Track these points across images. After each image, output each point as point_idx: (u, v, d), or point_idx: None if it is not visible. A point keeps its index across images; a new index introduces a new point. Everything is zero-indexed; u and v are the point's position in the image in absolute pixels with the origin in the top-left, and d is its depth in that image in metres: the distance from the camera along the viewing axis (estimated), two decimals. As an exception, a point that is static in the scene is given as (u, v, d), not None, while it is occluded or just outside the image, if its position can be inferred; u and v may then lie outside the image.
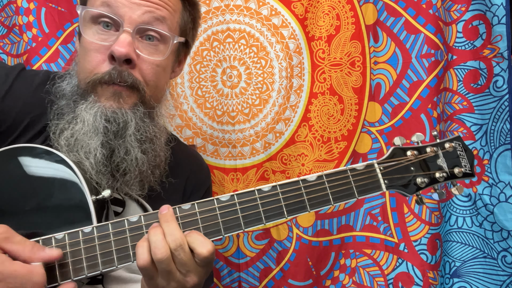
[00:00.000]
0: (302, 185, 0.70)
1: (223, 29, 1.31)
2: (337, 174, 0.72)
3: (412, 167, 0.76)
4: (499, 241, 1.20)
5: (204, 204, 0.68)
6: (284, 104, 1.32)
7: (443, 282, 1.28)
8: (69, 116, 0.79)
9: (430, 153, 0.78)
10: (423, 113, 1.25)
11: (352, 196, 0.72)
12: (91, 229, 0.65)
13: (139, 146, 0.81)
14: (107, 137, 0.78)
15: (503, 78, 1.19)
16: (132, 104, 0.80)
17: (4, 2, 1.31)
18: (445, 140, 0.80)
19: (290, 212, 0.69)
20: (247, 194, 0.69)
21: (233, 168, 1.32)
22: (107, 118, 0.77)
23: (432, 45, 1.24)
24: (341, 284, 1.31)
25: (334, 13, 1.29)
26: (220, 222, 0.67)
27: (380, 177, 0.74)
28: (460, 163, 0.79)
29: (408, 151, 0.77)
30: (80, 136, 0.77)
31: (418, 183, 0.76)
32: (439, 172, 0.77)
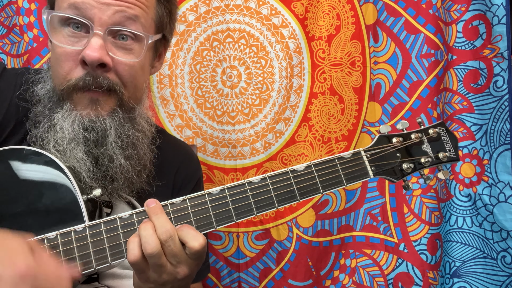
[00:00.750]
0: (291, 175, 0.71)
1: (223, 29, 1.31)
2: (325, 163, 0.73)
3: (398, 153, 0.78)
4: (499, 241, 1.20)
5: (195, 199, 0.68)
6: (284, 104, 1.32)
7: (443, 282, 1.28)
8: (46, 125, 0.77)
9: (414, 139, 0.79)
10: (423, 113, 1.25)
11: (341, 184, 0.73)
12: (83, 228, 0.65)
13: (121, 152, 0.79)
14: (88, 146, 0.76)
15: (503, 78, 1.19)
16: (110, 110, 0.78)
17: (4, 2, 1.31)
18: (429, 126, 0.82)
19: (281, 202, 0.70)
20: (237, 187, 0.70)
21: (233, 168, 1.32)
22: (85, 127, 0.75)
23: (432, 45, 1.24)
24: (341, 284, 1.31)
25: (334, 13, 1.29)
26: (211, 215, 0.68)
27: (367, 164, 0.75)
28: (445, 147, 0.81)
29: (393, 138, 0.79)
30: (65, 145, 0.75)
31: (404, 168, 0.77)
32: (424, 158, 0.79)
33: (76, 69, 0.75)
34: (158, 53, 0.91)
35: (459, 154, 0.83)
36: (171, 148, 0.98)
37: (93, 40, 0.73)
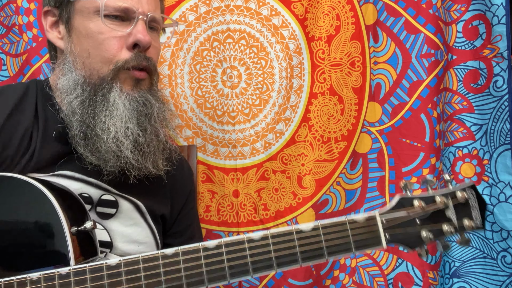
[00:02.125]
0: (296, 236, 0.65)
1: (223, 29, 1.31)
2: (335, 226, 0.67)
3: (418, 220, 0.69)
4: (499, 241, 1.20)
5: (189, 251, 0.63)
6: (284, 104, 1.32)
7: (443, 282, 1.28)
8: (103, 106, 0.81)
9: (439, 204, 0.69)
10: (423, 113, 1.25)
11: (349, 251, 0.66)
12: (67, 271, 0.61)
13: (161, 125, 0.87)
14: (140, 119, 0.82)
15: (503, 78, 1.19)
16: (148, 87, 0.86)
17: (4, 2, 1.31)
18: (457, 189, 0.71)
19: (280, 265, 0.64)
20: (236, 244, 0.64)
21: (233, 168, 1.32)
22: (138, 102, 0.82)
23: (432, 45, 1.24)
24: (341, 283, 1.31)
25: (334, 13, 1.29)
26: (204, 271, 0.63)
27: (381, 232, 0.67)
28: (471, 214, 0.71)
29: (415, 200, 0.68)
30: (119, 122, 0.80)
31: (423, 237, 0.68)
32: (446, 225, 0.69)
33: (122, 52, 0.82)
34: None
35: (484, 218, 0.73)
36: None
37: (140, 24, 0.82)
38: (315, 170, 1.31)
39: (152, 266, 0.62)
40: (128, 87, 0.83)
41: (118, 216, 0.85)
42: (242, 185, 1.32)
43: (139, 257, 0.62)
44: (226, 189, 1.32)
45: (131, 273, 0.61)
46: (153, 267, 0.62)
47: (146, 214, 0.89)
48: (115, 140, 0.79)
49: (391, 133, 1.29)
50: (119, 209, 0.85)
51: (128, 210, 0.87)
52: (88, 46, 0.82)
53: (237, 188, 1.32)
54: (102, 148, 0.79)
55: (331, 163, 1.31)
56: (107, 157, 0.80)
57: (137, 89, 0.84)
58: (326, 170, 1.31)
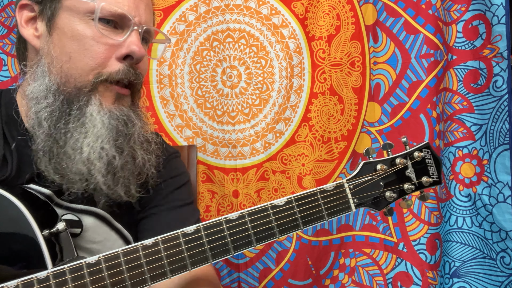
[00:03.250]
0: (271, 211, 0.68)
1: (223, 28, 1.31)
2: (307, 197, 0.70)
3: (381, 182, 0.75)
4: (498, 242, 1.20)
5: (168, 239, 0.63)
6: (284, 104, 1.32)
7: (442, 282, 1.28)
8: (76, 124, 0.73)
9: (399, 165, 0.76)
10: (422, 113, 1.26)
11: (322, 219, 0.70)
12: (46, 275, 0.58)
13: (140, 147, 0.79)
14: (118, 140, 0.75)
15: (502, 78, 1.19)
16: (129, 104, 0.79)
17: (5, 3, 1.32)
18: (414, 149, 0.79)
19: (259, 240, 0.67)
20: (214, 225, 0.66)
21: (233, 168, 1.33)
22: (119, 120, 0.75)
23: (431, 45, 1.24)
24: (340, 283, 1.32)
25: (334, 13, 1.29)
26: (186, 256, 0.63)
27: (350, 197, 0.73)
28: (428, 171, 0.79)
29: (378, 165, 0.75)
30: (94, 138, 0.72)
31: (387, 197, 0.75)
32: (407, 184, 0.76)
33: (111, 62, 0.74)
34: None
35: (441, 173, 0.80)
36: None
37: (135, 35, 0.75)
38: (315, 170, 1.31)
39: (133, 258, 0.61)
40: (108, 102, 0.75)
41: (84, 235, 0.79)
42: (242, 185, 1.32)
43: (119, 251, 0.61)
44: (226, 189, 1.32)
45: (113, 268, 0.60)
46: (134, 259, 0.61)
47: (113, 222, 0.83)
48: (87, 162, 0.72)
49: (391, 133, 1.29)
50: (84, 228, 0.79)
51: (93, 226, 0.80)
52: (71, 50, 0.73)
53: (237, 188, 1.32)
54: (69, 168, 0.72)
55: (331, 163, 1.32)
56: (74, 178, 0.72)
57: (118, 105, 0.76)
58: (326, 170, 1.32)
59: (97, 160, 0.72)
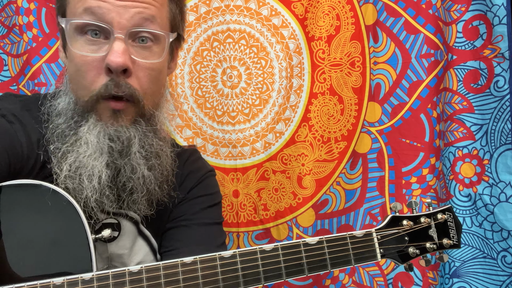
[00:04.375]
0: (303, 248, 0.71)
1: (223, 29, 1.31)
2: (337, 240, 0.74)
3: (406, 237, 0.79)
4: (499, 241, 1.20)
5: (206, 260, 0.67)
6: (284, 104, 1.32)
7: (442, 282, 1.28)
8: (72, 139, 0.75)
9: (423, 223, 0.81)
10: (422, 113, 1.26)
11: (349, 263, 0.74)
12: (90, 277, 0.62)
13: (145, 163, 0.77)
14: (112, 156, 0.74)
15: (504, 78, 1.19)
16: (132, 120, 0.77)
17: (4, 2, 1.32)
18: (438, 211, 0.84)
19: (289, 275, 0.70)
20: (249, 254, 0.69)
21: (233, 168, 1.33)
22: (110, 137, 0.74)
23: (431, 45, 1.24)
24: (341, 283, 1.32)
25: (334, 13, 1.29)
26: (220, 279, 0.66)
27: (377, 247, 0.76)
28: (449, 234, 0.84)
29: (404, 220, 0.80)
30: (84, 159, 0.73)
31: (410, 253, 0.79)
32: (429, 243, 0.81)
33: (99, 78, 0.73)
34: (173, 54, 0.89)
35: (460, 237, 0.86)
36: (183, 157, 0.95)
37: (115, 44, 0.71)
38: (315, 170, 1.31)
39: (172, 273, 0.65)
40: (105, 119, 0.74)
41: (119, 239, 0.83)
42: (242, 185, 1.32)
43: (160, 265, 0.65)
44: (226, 189, 1.32)
45: (152, 279, 0.64)
46: (172, 274, 0.65)
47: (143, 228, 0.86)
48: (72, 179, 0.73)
49: (391, 133, 1.29)
50: (121, 232, 0.82)
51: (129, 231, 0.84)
52: (71, 71, 0.76)
53: (237, 188, 1.32)
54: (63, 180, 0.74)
55: (331, 163, 1.31)
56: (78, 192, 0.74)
57: (115, 121, 0.74)
58: (326, 170, 1.31)
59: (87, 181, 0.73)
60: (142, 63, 0.75)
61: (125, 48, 0.71)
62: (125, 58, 0.71)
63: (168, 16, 0.81)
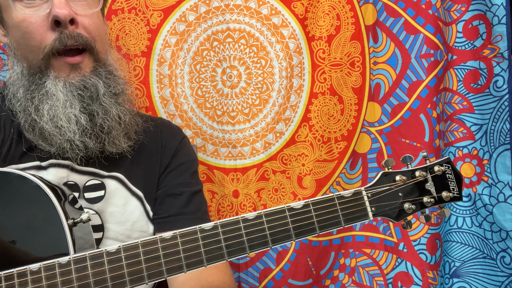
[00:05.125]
0: (288, 213, 0.68)
1: (223, 29, 1.31)
2: (324, 202, 0.70)
3: (400, 193, 0.74)
4: (498, 242, 1.20)
5: (186, 234, 0.65)
6: (284, 104, 1.32)
7: (442, 282, 1.29)
8: (40, 93, 0.78)
9: (419, 177, 0.76)
10: (422, 113, 1.25)
11: (338, 225, 0.70)
12: (67, 260, 0.62)
13: (115, 101, 0.84)
14: (84, 103, 0.79)
15: (503, 78, 1.19)
16: (92, 68, 0.82)
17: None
18: (434, 163, 0.78)
19: (275, 242, 0.67)
20: (231, 224, 0.66)
21: (233, 168, 1.33)
22: (77, 87, 0.79)
23: (431, 45, 1.24)
24: (340, 283, 1.32)
25: (334, 13, 1.29)
26: (202, 251, 0.64)
27: (368, 205, 0.72)
28: (449, 186, 0.78)
29: (397, 175, 0.75)
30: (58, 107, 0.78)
31: (405, 209, 0.74)
32: (427, 197, 0.76)
33: (48, 34, 0.76)
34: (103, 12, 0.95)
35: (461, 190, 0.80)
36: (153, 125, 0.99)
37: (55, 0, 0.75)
38: (315, 170, 1.31)
39: (152, 250, 0.63)
40: (63, 74, 0.79)
41: (108, 197, 0.86)
42: (242, 185, 1.32)
43: (138, 242, 0.63)
44: (226, 189, 1.32)
45: (131, 257, 0.63)
46: (152, 251, 0.63)
47: (131, 186, 0.89)
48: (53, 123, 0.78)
49: (391, 133, 1.29)
50: (107, 190, 0.86)
51: (116, 189, 0.87)
52: (17, 37, 0.79)
53: (237, 189, 1.32)
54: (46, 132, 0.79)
55: (331, 163, 1.31)
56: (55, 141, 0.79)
57: (75, 73, 0.80)
58: (326, 170, 1.31)
59: (66, 122, 0.78)
60: (84, 13, 0.79)
61: (66, 1, 0.75)
62: (69, 9, 0.75)
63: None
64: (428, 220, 0.78)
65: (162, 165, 0.96)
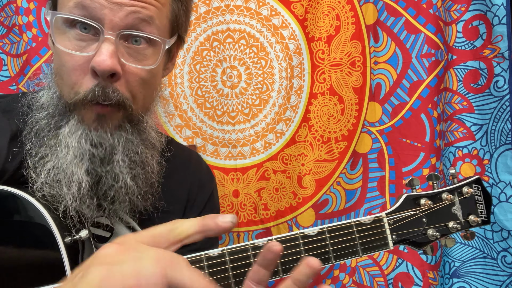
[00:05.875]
0: (301, 241, 0.61)
1: (223, 29, 1.31)
2: (341, 229, 0.63)
3: (425, 219, 0.67)
4: (499, 241, 1.20)
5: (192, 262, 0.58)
6: (285, 104, 1.31)
7: (442, 282, 1.28)
8: (51, 141, 0.70)
9: (446, 201, 0.69)
10: (423, 113, 1.25)
11: (356, 254, 0.64)
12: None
13: (128, 171, 0.73)
14: (94, 163, 0.69)
15: (504, 78, 1.19)
16: (118, 124, 0.71)
17: (4, 2, 1.31)
18: (463, 184, 0.71)
19: (286, 271, 0.60)
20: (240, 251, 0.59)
21: (233, 168, 1.32)
22: (93, 143, 0.69)
23: (432, 45, 1.24)
24: (341, 283, 1.31)
25: (333, 13, 1.29)
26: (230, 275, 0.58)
27: (388, 233, 0.65)
28: (477, 210, 0.71)
29: (422, 199, 0.68)
30: (63, 165, 0.68)
31: (429, 236, 0.67)
32: (453, 222, 0.69)
33: (85, 79, 0.67)
34: (171, 54, 0.84)
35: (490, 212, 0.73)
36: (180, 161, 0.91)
37: (103, 46, 0.65)
38: (315, 170, 1.31)
39: None
40: (88, 120, 0.69)
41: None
42: (242, 185, 1.32)
43: None
44: (226, 189, 1.32)
45: None
46: None
47: None
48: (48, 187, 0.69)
49: (391, 133, 1.29)
50: (114, 233, 0.77)
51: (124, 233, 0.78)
52: (57, 65, 0.71)
53: (237, 188, 1.32)
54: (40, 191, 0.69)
55: (331, 163, 1.31)
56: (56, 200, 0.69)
57: (100, 126, 0.69)
58: (326, 170, 1.31)
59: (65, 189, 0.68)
60: (134, 68, 0.69)
61: (114, 51, 0.66)
62: (113, 62, 0.65)
63: (170, 17, 0.75)
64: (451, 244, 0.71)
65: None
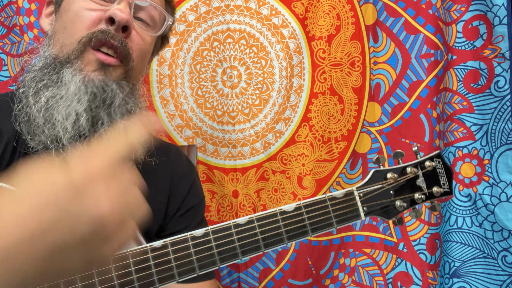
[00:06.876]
0: (280, 216, 0.67)
1: (223, 29, 1.31)
2: (316, 204, 0.70)
3: (392, 191, 0.75)
4: (500, 241, 1.20)
5: (177, 242, 0.63)
6: (284, 104, 1.32)
7: (442, 282, 1.28)
8: (53, 77, 0.72)
9: (410, 174, 0.76)
10: (422, 113, 1.25)
11: (331, 226, 0.70)
12: None
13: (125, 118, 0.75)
14: (95, 103, 0.71)
15: (504, 78, 1.19)
16: (118, 78, 0.75)
17: (5, 2, 1.32)
18: (425, 158, 0.78)
19: (267, 246, 0.66)
20: (223, 229, 0.65)
21: (233, 168, 1.33)
22: (95, 85, 0.71)
23: (431, 45, 1.24)
24: (340, 283, 1.32)
25: (334, 12, 1.28)
26: (194, 259, 0.63)
27: (359, 205, 0.72)
28: (439, 181, 0.78)
29: (388, 173, 0.75)
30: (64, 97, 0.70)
31: (397, 206, 0.74)
32: (418, 193, 0.76)
33: (97, 25, 0.73)
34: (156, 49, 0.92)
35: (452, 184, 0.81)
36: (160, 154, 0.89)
37: (123, 3, 0.74)
38: (315, 170, 1.31)
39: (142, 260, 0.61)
40: (89, 68, 0.72)
41: None
42: (241, 186, 1.32)
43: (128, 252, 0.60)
44: (225, 189, 1.32)
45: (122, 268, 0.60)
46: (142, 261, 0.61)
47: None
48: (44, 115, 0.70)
49: (391, 133, 1.29)
50: None
51: None
52: (67, 20, 0.74)
53: (237, 189, 1.32)
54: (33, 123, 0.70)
55: (331, 163, 1.31)
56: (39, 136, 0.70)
57: (100, 73, 0.72)
58: (326, 170, 1.31)
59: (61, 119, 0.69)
60: (141, 32, 0.78)
61: (129, 12, 0.74)
62: (130, 17, 0.73)
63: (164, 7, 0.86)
64: (419, 215, 0.78)
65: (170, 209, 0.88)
